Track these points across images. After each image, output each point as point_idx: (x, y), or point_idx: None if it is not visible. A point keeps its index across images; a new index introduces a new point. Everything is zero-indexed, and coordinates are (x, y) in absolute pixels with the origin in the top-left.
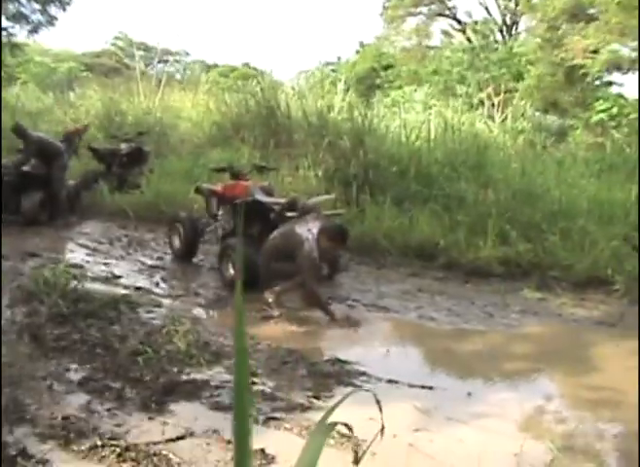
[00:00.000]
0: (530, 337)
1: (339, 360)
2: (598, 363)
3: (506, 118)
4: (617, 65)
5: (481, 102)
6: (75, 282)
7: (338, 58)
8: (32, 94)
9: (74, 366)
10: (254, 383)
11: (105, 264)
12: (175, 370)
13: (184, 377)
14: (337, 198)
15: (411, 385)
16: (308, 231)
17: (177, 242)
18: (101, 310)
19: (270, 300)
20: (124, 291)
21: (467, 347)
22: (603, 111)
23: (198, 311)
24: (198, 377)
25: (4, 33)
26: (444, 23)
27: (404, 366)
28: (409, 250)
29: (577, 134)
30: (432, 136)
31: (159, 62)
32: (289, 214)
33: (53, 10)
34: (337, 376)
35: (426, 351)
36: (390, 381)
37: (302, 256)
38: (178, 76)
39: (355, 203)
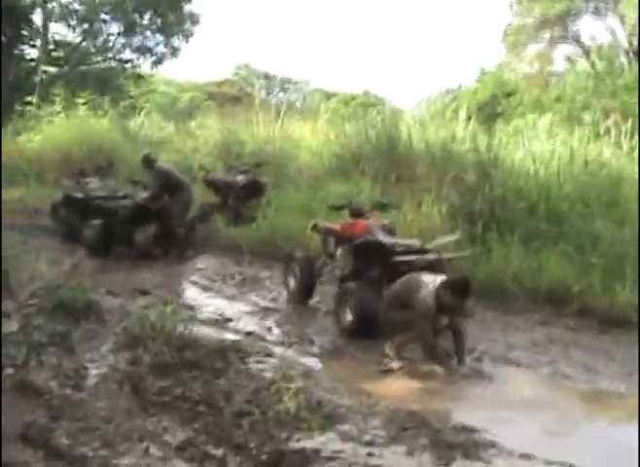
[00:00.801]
0: None
1: (465, 427)
2: None
3: (634, 146)
4: None
5: (608, 130)
6: (182, 327)
7: (459, 86)
8: (156, 124)
9: (174, 426)
10: (370, 455)
11: (216, 304)
12: (283, 436)
13: (292, 445)
14: (462, 237)
15: (549, 462)
16: (429, 279)
17: (293, 283)
18: (207, 360)
19: (390, 351)
20: (233, 336)
21: (608, 413)
22: None
23: (312, 362)
24: (309, 445)
25: (129, 65)
26: (567, 48)
27: (538, 435)
28: (539, 294)
29: None
30: (559, 168)
31: (279, 91)
32: (412, 257)
33: (176, 42)
34: (462, 447)
35: (563, 416)
36: (524, 456)
37: (417, 304)
38: (298, 104)
39: (481, 242)
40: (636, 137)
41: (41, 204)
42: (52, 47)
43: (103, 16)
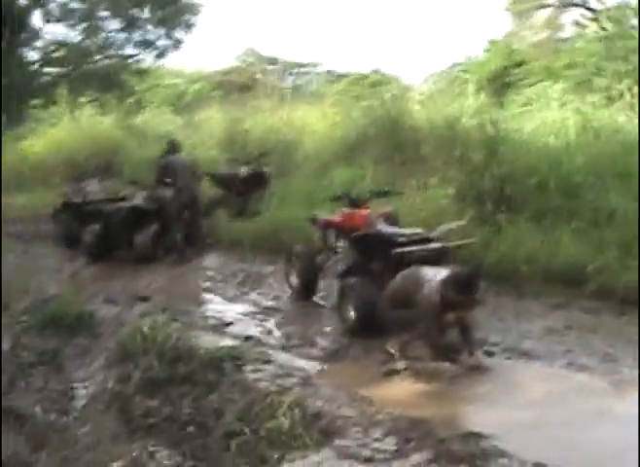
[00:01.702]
0: None
1: (474, 435)
2: None
3: None
4: None
5: (621, 94)
6: (176, 337)
7: (468, 58)
8: (163, 118)
9: (161, 450)
10: None
11: (217, 307)
12: (275, 456)
13: None
14: (471, 219)
15: None
16: (431, 273)
17: (294, 280)
18: (200, 373)
19: (393, 351)
20: (231, 342)
21: (632, 411)
22: None
23: (312, 367)
24: (302, 465)
25: (131, 60)
26: (575, 13)
27: (554, 441)
28: (554, 276)
29: None
30: (570, 139)
31: (289, 75)
32: (415, 248)
33: (178, 33)
34: (470, 458)
35: (580, 417)
36: (538, 466)
37: (420, 303)
38: (309, 88)
39: (491, 223)
40: None
41: (44, 210)
42: (52, 48)
43: (102, 13)
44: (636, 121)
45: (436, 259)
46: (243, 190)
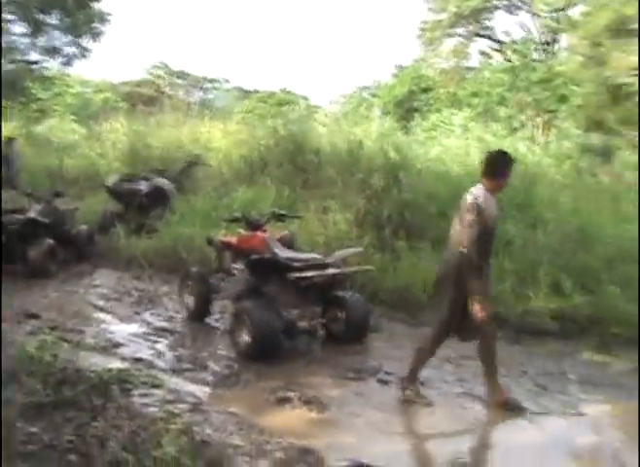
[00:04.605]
0: (595, 423)
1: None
2: None
3: (549, 140)
4: None
5: (523, 124)
6: (64, 358)
7: (377, 82)
8: (67, 127)
9: None
10: None
11: (108, 327)
12: None
13: None
14: (370, 244)
15: None
16: None
17: (189, 300)
18: (87, 397)
19: None
20: (121, 364)
21: (519, 441)
22: None
23: (203, 392)
24: None
25: (36, 66)
26: (482, 44)
27: None
28: None
29: (627, 155)
30: (473, 166)
31: (197, 90)
32: (311, 273)
33: (85, 41)
34: None
35: (470, 447)
36: None
37: None
38: (218, 104)
39: (389, 250)
40: (550, 132)
41: None
42: None
43: (7, 16)
44: (536, 152)
45: (332, 284)
46: (143, 206)
